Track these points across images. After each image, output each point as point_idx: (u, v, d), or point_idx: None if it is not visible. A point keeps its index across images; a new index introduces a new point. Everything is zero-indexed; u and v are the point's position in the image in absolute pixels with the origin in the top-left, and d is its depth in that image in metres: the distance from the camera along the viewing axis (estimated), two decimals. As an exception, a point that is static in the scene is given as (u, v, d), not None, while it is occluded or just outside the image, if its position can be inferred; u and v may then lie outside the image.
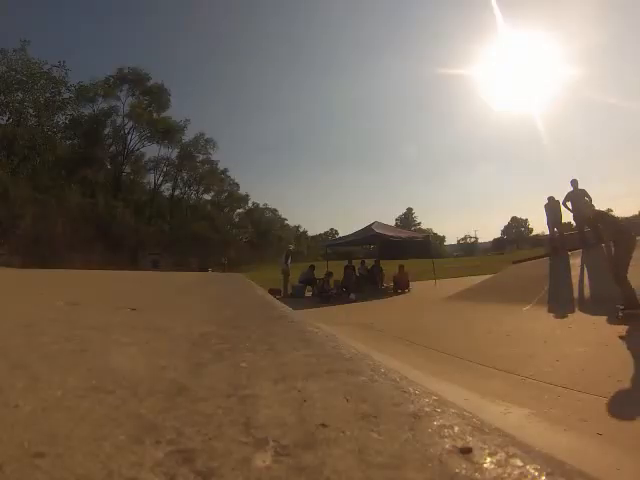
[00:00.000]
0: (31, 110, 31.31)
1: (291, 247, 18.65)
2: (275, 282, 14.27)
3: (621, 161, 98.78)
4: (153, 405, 0.62)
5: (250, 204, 60.13)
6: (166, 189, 49.29)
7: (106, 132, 41.70)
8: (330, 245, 20.82)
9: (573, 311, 5.54)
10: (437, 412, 0.62)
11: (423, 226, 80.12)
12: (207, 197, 53.68)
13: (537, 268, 8.44)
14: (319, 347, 1.11)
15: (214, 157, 51.35)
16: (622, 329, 4.25)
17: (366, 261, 14.97)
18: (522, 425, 2.45)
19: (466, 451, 0.49)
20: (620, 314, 4.74)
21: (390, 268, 14.02)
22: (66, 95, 33.82)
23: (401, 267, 13.65)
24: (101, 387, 0.69)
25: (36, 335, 1.10)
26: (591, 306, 5.47)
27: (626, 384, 2.90)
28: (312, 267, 14.27)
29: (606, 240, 5.19)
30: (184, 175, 49.84)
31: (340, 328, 5.77)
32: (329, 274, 13.07)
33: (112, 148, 42.92)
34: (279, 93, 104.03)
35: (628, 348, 3.69)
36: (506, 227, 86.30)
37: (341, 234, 44.06)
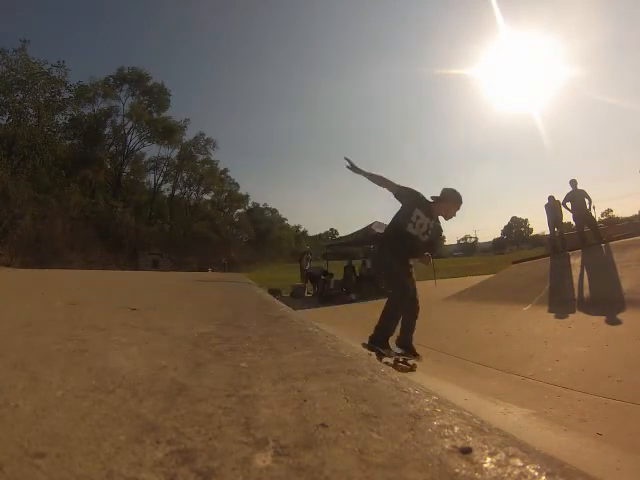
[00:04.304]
0: (31, 110, 31.32)
1: (308, 247, 18.47)
2: (275, 282, 14.26)
3: (621, 161, 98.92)
4: (153, 405, 0.62)
5: (250, 204, 60.25)
6: (166, 189, 49.36)
7: (106, 132, 41.77)
8: (330, 245, 20.81)
9: (573, 311, 5.53)
10: (437, 412, 0.62)
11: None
12: (207, 197, 53.79)
13: (537, 268, 8.43)
14: (319, 347, 1.11)
15: (214, 157, 51.46)
16: (622, 330, 4.25)
17: (367, 261, 14.97)
18: (522, 425, 2.45)
19: (466, 451, 0.49)
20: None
21: (390, 268, 13.99)
22: (66, 95, 33.85)
23: (401, 267, 13.63)
24: (101, 387, 0.69)
25: (36, 335, 1.10)
26: (591, 306, 5.46)
27: (626, 384, 2.90)
28: (325, 272, 13.76)
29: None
30: (184, 175, 49.91)
31: (340, 328, 5.77)
32: (330, 275, 13.08)
33: (112, 148, 42.97)
34: (279, 93, 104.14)
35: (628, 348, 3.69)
36: (506, 227, 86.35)
37: (341, 234, 44.12)
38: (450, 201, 3.64)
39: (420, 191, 3.67)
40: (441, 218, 3.78)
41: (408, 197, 3.56)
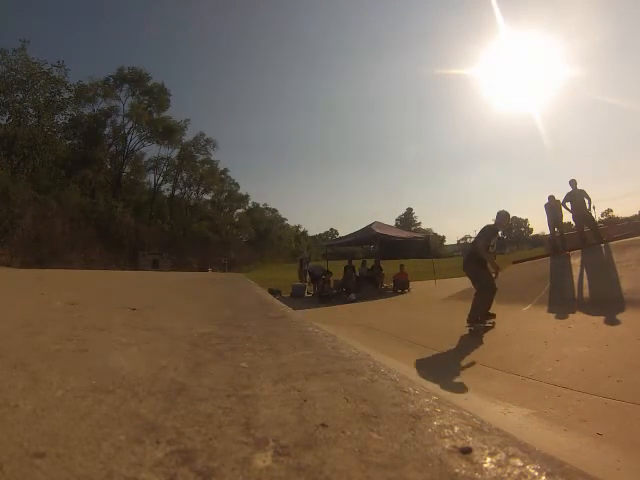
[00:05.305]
0: (31, 110, 31.32)
1: (304, 252, 18.54)
2: (275, 282, 14.25)
3: (621, 161, 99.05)
4: (153, 405, 0.62)
5: (250, 204, 60.23)
6: (166, 189, 49.34)
7: (106, 132, 41.74)
8: (330, 245, 20.81)
9: (573, 311, 5.53)
10: (437, 412, 0.62)
11: (423, 226, 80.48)
12: (207, 197, 53.76)
13: (537, 268, 8.43)
14: (319, 347, 1.11)
15: (214, 157, 51.44)
16: (622, 330, 4.25)
17: (367, 261, 14.95)
18: (522, 425, 2.45)
19: (466, 451, 0.49)
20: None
21: (390, 268, 14.01)
22: (66, 95, 33.84)
23: (402, 267, 13.64)
24: (101, 387, 0.69)
25: (36, 335, 1.10)
26: (591, 306, 5.46)
27: (626, 384, 2.90)
28: (325, 272, 13.67)
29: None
30: (184, 175, 49.88)
31: (340, 328, 5.77)
32: (330, 275, 13.07)
33: (112, 148, 42.95)
34: (279, 93, 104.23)
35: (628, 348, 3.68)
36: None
37: (341, 234, 44.09)
38: (504, 219, 5.76)
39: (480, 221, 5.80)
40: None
41: (490, 236, 5.51)
